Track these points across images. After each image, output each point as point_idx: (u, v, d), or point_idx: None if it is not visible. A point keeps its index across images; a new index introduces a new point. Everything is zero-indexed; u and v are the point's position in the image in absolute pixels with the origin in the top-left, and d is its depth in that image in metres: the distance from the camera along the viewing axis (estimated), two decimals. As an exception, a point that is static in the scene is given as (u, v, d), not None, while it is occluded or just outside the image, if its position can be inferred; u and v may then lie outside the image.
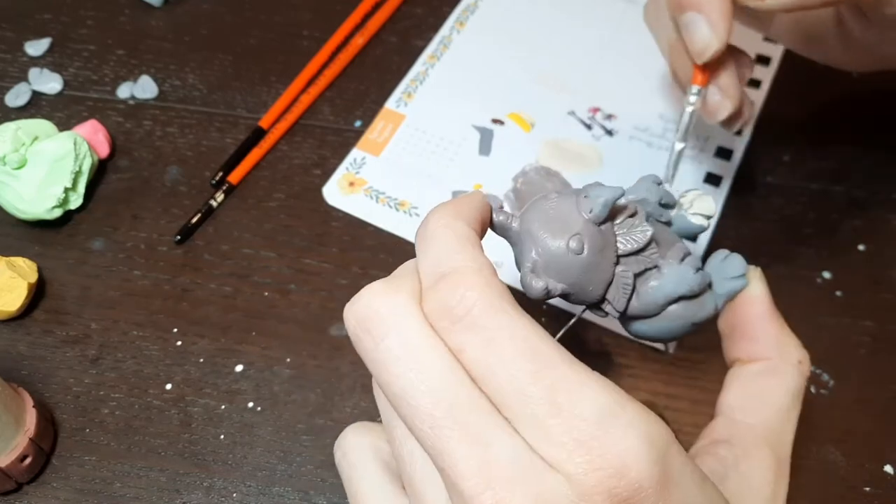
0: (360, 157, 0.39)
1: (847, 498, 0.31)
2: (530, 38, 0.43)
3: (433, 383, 0.18)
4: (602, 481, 0.17)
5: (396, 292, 0.19)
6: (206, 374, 0.34)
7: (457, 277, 0.19)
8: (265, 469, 0.32)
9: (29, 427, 0.30)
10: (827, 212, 0.37)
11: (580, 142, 0.40)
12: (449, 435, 0.17)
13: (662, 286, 0.24)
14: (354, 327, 0.19)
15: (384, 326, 0.18)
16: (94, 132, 0.39)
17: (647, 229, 0.24)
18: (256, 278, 0.36)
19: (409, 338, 0.18)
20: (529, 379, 0.18)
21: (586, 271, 0.23)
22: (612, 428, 0.17)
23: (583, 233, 0.23)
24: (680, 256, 0.25)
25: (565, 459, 0.17)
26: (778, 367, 0.25)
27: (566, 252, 0.23)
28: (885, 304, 0.35)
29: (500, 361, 0.18)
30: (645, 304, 0.25)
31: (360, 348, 0.19)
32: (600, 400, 0.18)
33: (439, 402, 0.18)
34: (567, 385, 0.18)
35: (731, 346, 0.26)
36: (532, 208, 0.24)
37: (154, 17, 0.45)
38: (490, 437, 0.17)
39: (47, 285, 0.36)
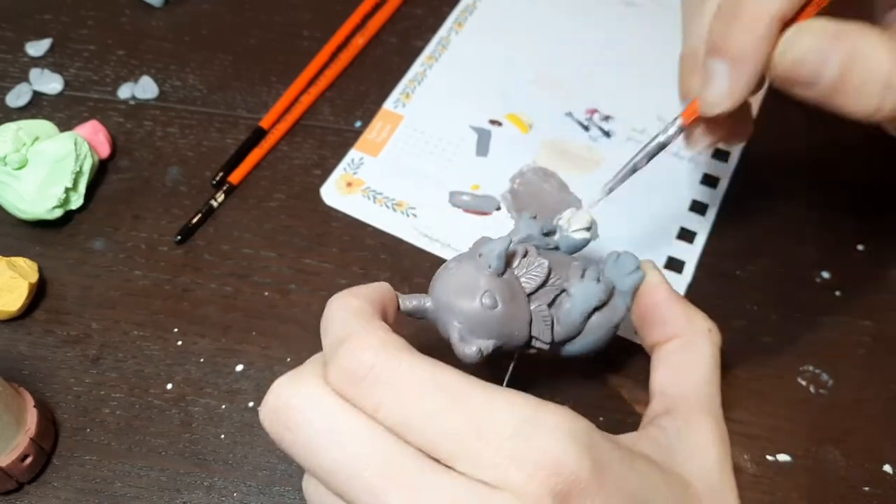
0: (357, 157, 0.40)
1: (846, 498, 0.31)
2: (528, 39, 0.43)
3: (360, 449, 0.18)
4: (543, 484, 0.18)
5: (301, 379, 0.20)
6: (207, 374, 0.34)
7: (351, 342, 0.20)
8: (265, 468, 0.32)
9: (30, 427, 0.31)
10: (826, 212, 0.38)
11: (578, 143, 0.40)
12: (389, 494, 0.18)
13: (575, 306, 0.27)
14: (271, 423, 0.20)
15: (298, 414, 0.19)
16: (95, 132, 0.39)
17: (543, 262, 0.26)
18: (257, 278, 0.36)
19: (325, 415, 0.19)
20: (446, 414, 0.18)
21: (506, 320, 0.25)
22: (535, 434, 0.18)
23: (491, 288, 0.25)
24: (580, 274, 0.27)
25: (504, 477, 0.18)
26: (691, 341, 0.27)
27: (482, 310, 0.25)
28: (885, 304, 0.35)
29: (414, 406, 0.19)
30: (566, 328, 0.27)
31: (282, 443, 0.20)
32: (516, 413, 0.18)
33: (370, 465, 0.18)
34: (482, 409, 0.18)
35: (647, 334, 0.28)
36: (437, 283, 0.26)
37: (154, 18, 0.45)
38: (429, 483, 0.18)
39: (48, 285, 0.36)
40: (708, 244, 0.36)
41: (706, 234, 0.37)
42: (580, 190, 0.38)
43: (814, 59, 0.23)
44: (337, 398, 0.19)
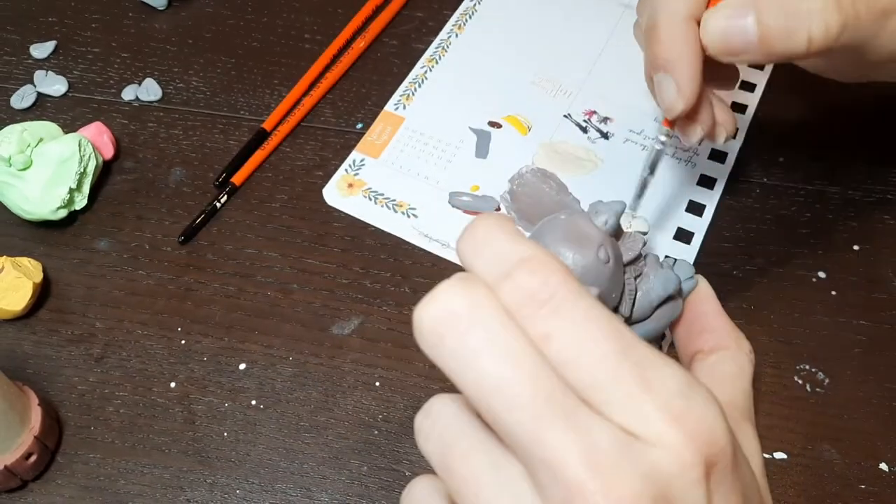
0: (358, 158, 0.40)
1: (843, 495, 0.31)
2: (527, 41, 0.44)
3: (529, 373, 0.17)
4: (699, 450, 0.17)
5: (473, 287, 0.18)
6: (210, 373, 0.34)
7: (534, 262, 0.18)
8: (268, 466, 0.32)
9: (34, 425, 0.31)
10: (822, 212, 0.38)
11: (576, 144, 0.40)
12: (550, 424, 0.17)
13: (655, 288, 0.27)
14: (432, 327, 0.18)
15: (467, 323, 0.18)
16: (99, 134, 0.40)
17: (640, 238, 0.27)
18: (259, 278, 0.37)
19: (496, 330, 0.18)
20: (620, 358, 0.18)
21: (612, 279, 0.25)
22: (696, 400, 0.18)
23: (605, 243, 0.25)
24: (658, 263, 0.28)
25: (664, 432, 0.17)
26: (735, 356, 0.27)
27: (597, 262, 0.24)
28: (880, 304, 0.35)
29: (590, 343, 0.18)
30: (641, 307, 0.27)
31: (442, 349, 0.18)
32: (681, 375, 0.18)
33: (537, 391, 0.17)
34: (652, 364, 0.18)
35: (690, 342, 0.29)
36: (548, 228, 0.26)
37: (158, 21, 0.45)
38: (589, 422, 0.17)
39: (52, 285, 0.36)
40: (705, 244, 0.37)
41: (703, 233, 0.37)
42: (579, 191, 0.39)
43: (733, 26, 0.26)
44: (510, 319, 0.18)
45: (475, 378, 0.18)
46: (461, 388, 0.18)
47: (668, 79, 0.28)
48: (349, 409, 0.33)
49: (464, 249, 0.20)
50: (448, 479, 0.19)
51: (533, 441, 0.17)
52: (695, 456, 0.17)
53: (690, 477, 0.17)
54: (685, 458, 0.17)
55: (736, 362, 0.28)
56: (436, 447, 0.19)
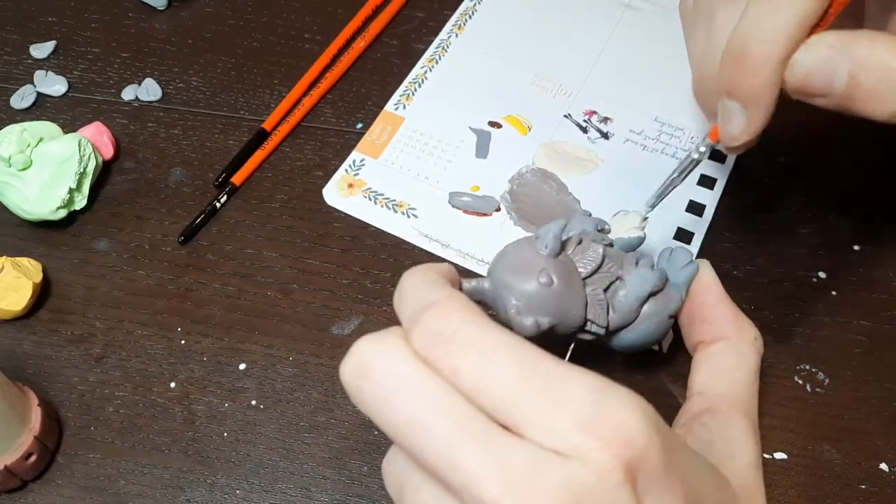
0: (358, 158, 0.40)
1: (843, 496, 0.31)
2: (527, 41, 0.44)
3: (438, 405, 0.18)
4: (616, 454, 0.18)
5: (384, 339, 0.20)
6: (210, 373, 0.34)
7: (438, 306, 0.20)
8: (268, 466, 0.32)
9: (34, 425, 0.31)
10: (822, 212, 0.38)
11: (576, 144, 0.40)
12: (462, 448, 0.18)
13: (630, 291, 0.27)
14: (352, 379, 0.20)
15: (380, 369, 0.19)
16: (99, 134, 0.40)
17: (598, 247, 0.27)
18: (259, 278, 0.37)
19: (406, 372, 0.19)
20: (526, 379, 0.19)
21: (562, 298, 0.26)
22: (609, 405, 0.18)
23: (546, 267, 0.26)
24: (634, 262, 0.28)
25: (576, 444, 0.18)
26: (738, 345, 0.27)
27: (539, 287, 0.25)
28: (880, 304, 0.35)
29: (496, 368, 0.19)
30: (622, 314, 0.28)
31: (362, 398, 0.20)
32: (591, 386, 0.19)
33: (448, 420, 0.18)
34: (558, 379, 0.19)
35: (692, 332, 0.29)
36: (495, 264, 0.27)
37: (158, 20, 0.45)
38: (502, 445, 0.18)
39: (52, 285, 0.36)
40: (705, 244, 0.37)
41: (703, 234, 0.37)
42: (579, 191, 0.39)
43: (822, 70, 0.24)
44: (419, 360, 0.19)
45: (391, 421, 0.19)
46: (385, 432, 0.19)
47: (740, 110, 0.26)
48: (349, 409, 0.33)
49: (395, 300, 0.22)
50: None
51: (450, 468, 0.18)
52: (613, 461, 0.17)
53: (610, 483, 0.17)
54: (603, 466, 0.17)
55: (736, 352, 0.27)
56: (394, 489, 0.21)
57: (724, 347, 0.28)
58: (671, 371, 0.34)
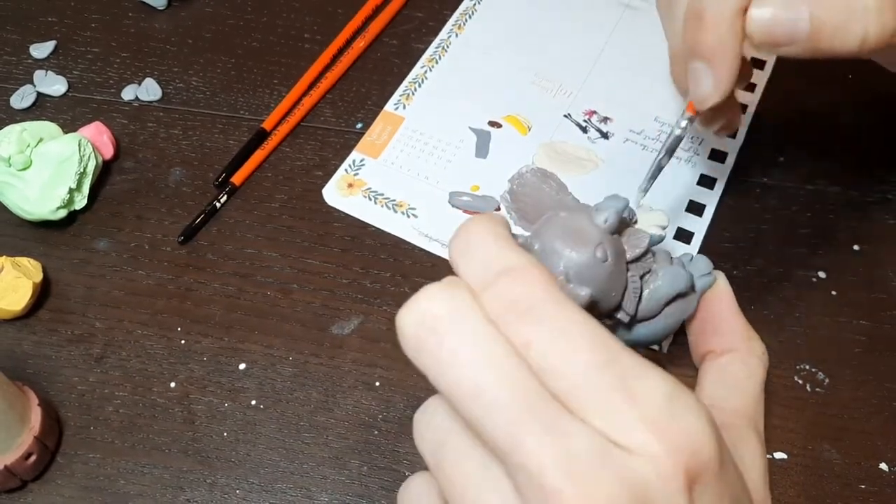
0: (358, 158, 0.40)
1: (843, 495, 0.31)
2: (527, 41, 0.44)
3: (507, 377, 0.17)
4: (681, 461, 0.17)
5: (455, 292, 0.19)
6: (210, 373, 0.34)
7: (518, 273, 0.19)
8: (268, 466, 0.32)
9: (34, 425, 0.31)
10: (822, 212, 0.38)
11: (576, 144, 0.40)
12: (528, 429, 0.17)
13: (662, 286, 0.27)
14: (414, 332, 0.19)
15: (448, 326, 0.18)
16: (99, 134, 0.40)
17: (646, 235, 0.26)
18: (259, 278, 0.37)
19: (476, 334, 0.18)
20: (602, 367, 0.18)
21: (611, 278, 0.25)
22: (681, 410, 0.18)
23: (604, 241, 0.25)
24: (669, 259, 0.27)
25: (645, 442, 0.17)
26: (746, 359, 0.27)
27: (594, 261, 0.24)
28: (880, 304, 0.35)
29: (571, 351, 0.18)
30: (649, 305, 0.27)
31: (423, 352, 0.18)
32: (666, 385, 0.18)
33: (515, 396, 0.17)
34: (635, 372, 0.18)
35: (702, 341, 0.28)
36: (547, 226, 0.25)
37: (157, 20, 0.45)
38: (568, 428, 0.17)
39: (52, 285, 0.36)
40: (705, 244, 0.37)
41: (703, 233, 0.37)
42: (579, 191, 0.39)
43: (783, 19, 0.25)
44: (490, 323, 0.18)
45: (454, 382, 0.18)
46: (442, 391, 0.18)
47: (706, 70, 0.27)
48: (349, 409, 0.33)
49: (454, 249, 0.20)
50: (439, 476, 0.19)
51: (510, 445, 0.17)
52: (676, 467, 0.17)
53: (671, 488, 0.17)
54: (666, 469, 0.17)
55: (746, 366, 0.27)
56: (430, 445, 0.19)
57: (733, 360, 0.27)
58: (672, 372, 0.34)
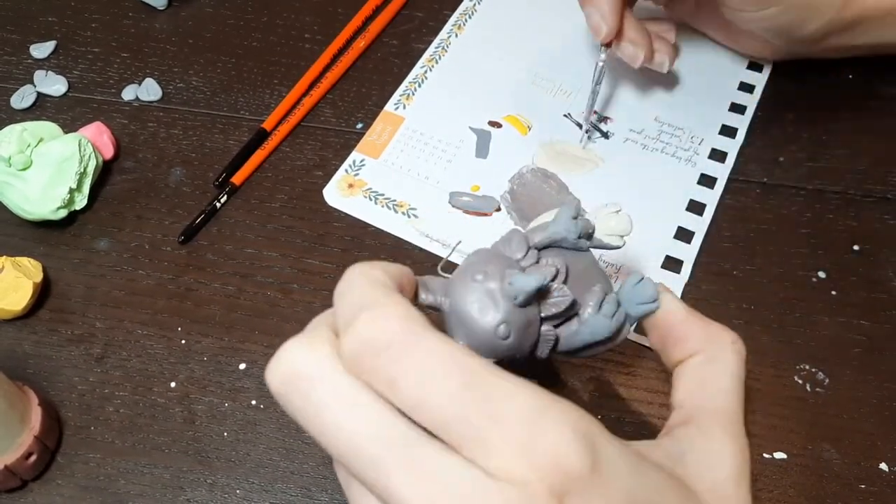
0: (358, 159, 0.40)
1: (842, 495, 0.31)
2: (527, 41, 0.44)
3: (369, 423, 0.18)
4: (543, 478, 0.17)
5: (314, 345, 0.19)
6: (210, 373, 0.34)
7: (374, 311, 0.19)
8: (268, 466, 0.32)
9: (34, 425, 0.31)
10: (822, 212, 0.38)
11: (576, 144, 0.40)
12: (393, 472, 0.17)
13: (581, 334, 0.26)
14: (279, 387, 0.19)
15: (309, 380, 0.19)
16: (99, 134, 0.40)
17: (568, 296, 0.25)
18: (259, 278, 0.37)
19: (337, 385, 0.18)
20: (466, 394, 0.18)
21: (510, 349, 0.24)
22: (543, 426, 0.18)
23: (509, 320, 0.24)
24: (598, 302, 0.26)
25: (508, 467, 0.17)
26: (714, 355, 0.26)
27: (493, 338, 0.24)
28: (880, 304, 0.35)
29: (434, 383, 0.18)
30: (566, 347, 0.27)
31: (290, 407, 0.19)
32: (529, 402, 0.18)
33: (378, 441, 0.18)
34: (498, 394, 0.18)
35: (669, 354, 0.28)
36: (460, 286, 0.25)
37: (158, 20, 0.45)
38: (433, 466, 0.18)
39: (52, 285, 0.37)
40: (705, 244, 0.37)
41: (703, 233, 0.37)
42: (579, 191, 0.39)
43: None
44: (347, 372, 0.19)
45: (322, 433, 0.18)
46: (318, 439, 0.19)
47: (593, 11, 0.36)
48: (349, 409, 0.33)
49: (335, 292, 0.20)
50: None
51: (380, 488, 0.18)
52: (540, 484, 0.17)
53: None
54: (528, 489, 0.17)
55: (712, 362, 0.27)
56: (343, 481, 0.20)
57: (700, 361, 0.27)
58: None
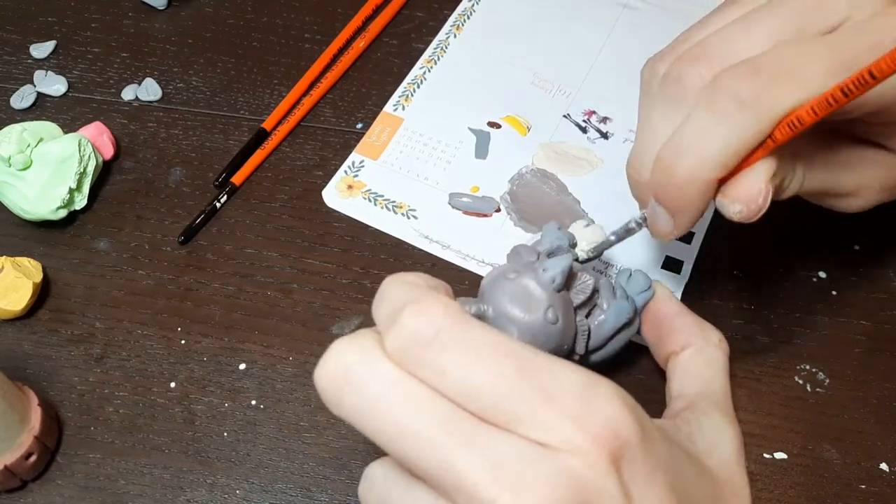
0: (358, 160, 0.40)
1: (843, 496, 0.31)
2: (526, 41, 0.44)
3: (425, 407, 0.19)
4: (603, 447, 0.18)
5: (360, 342, 0.20)
6: (210, 373, 0.34)
7: (416, 305, 0.19)
8: (268, 466, 0.32)
9: (34, 425, 0.31)
10: (823, 212, 0.38)
11: (576, 144, 0.40)
12: (453, 449, 0.18)
13: (608, 321, 0.28)
14: (331, 386, 0.20)
15: (359, 375, 0.19)
16: (99, 134, 0.40)
17: (590, 279, 0.27)
18: (259, 278, 0.37)
19: (388, 376, 0.19)
20: (515, 377, 0.19)
21: (563, 334, 0.26)
22: (596, 400, 0.19)
23: (554, 304, 0.26)
24: (611, 290, 0.29)
25: (567, 437, 0.18)
26: (703, 349, 0.29)
27: (545, 324, 0.25)
28: (880, 304, 0.35)
29: (482, 370, 0.19)
30: (596, 340, 0.29)
31: (343, 404, 0.19)
32: (578, 378, 0.19)
33: (435, 422, 0.18)
34: (548, 373, 0.19)
35: (662, 346, 0.30)
36: (496, 290, 0.26)
37: (158, 20, 0.45)
38: (493, 441, 0.18)
39: (52, 285, 0.36)
40: (705, 244, 0.37)
41: (703, 233, 0.37)
42: (579, 191, 0.39)
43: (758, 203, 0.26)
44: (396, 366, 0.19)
45: (378, 429, 0.19)
46: (371, 438, 0.19)
47: (666, 214, 0.26)
48: (349, 409, 0.33)
49: (372, 307, 0.21)
50: None
51: (442, 470, 0.18)
52: (600, 452, 0.18)
53: (599, 472, 0.18)
54: (591, 456, 0.18)
55: (704, 355, 0.29)
56: None
57: (692, 353, 0.29)
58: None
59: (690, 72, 0.25)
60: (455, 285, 0.36)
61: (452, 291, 0.23)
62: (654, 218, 0.27)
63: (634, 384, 0.33)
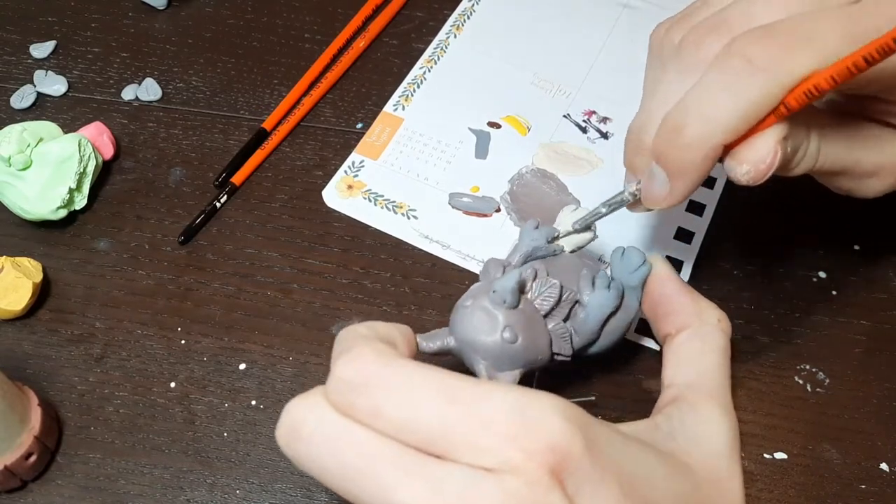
0: (358, 160, 0.40)
1: (843, 496, 0.31)
2: (526, 41, 0.44)
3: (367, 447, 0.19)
4: (542, 463, 0.19)
5: (307, 397, 0.21)
6: (210, 373, 0.34)
7: (348, 355, 0.21)
8: (268, 466, 0.32)
9: (34, 425, 0.31)
10: (822, 212, 0.38)
11: (576, 144, 0.40)
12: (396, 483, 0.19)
13: (591, 316, 0.27)
14: (285, 441, 0.21)
15: (308, 427, 0.20)
16: (99, 134, 0.40)
17: (554, 283, 0.27)
18: (259, 278, 0.37)
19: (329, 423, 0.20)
20: (444, 410, 0.19)
21: (528, 350, 0.26)
22: (531, 417, 0.19)
23: (509, 323, 0.26)
24: (590, 283, 0.28)
25: (505, 459, 0.19)
26: (700, 330, 0.27)
27: (504, 345, 0.25)
28: (881, 304, 0.35)
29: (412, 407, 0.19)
30: (584, 336, 0.28)
31: (298, 455, 0.20)
32: (512, 400, 0.19)
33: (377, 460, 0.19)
34: (479, 398, 0.19)
35: (659, 326, 0.29)
36: (456, 322, 0.26)
37: (158, 20, 0.45)
38: (434, 473, 0.19)
39: (52, 285, 0.36)
40: (705, 244, 0.37)
41: (703, 233, 0.37)
42: (579, 191, 0.39)
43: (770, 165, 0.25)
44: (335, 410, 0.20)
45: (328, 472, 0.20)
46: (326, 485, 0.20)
47: (665, 177, 0.25)
48: (349, 409, 0.33)
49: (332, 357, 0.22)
50: None
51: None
52: (539, 468, 0.18)
53: (540, 488, 0.18)
54: (531, 474, 0.18)
55: (700, 338, 0.27)
56: None
57: (688, 336, 0.28)
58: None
59: (709, 41, 0.24)
60: (455, 285, 0.36)
61: (412, 333, 0.24)
62: (651, 182, 0.26)
63: (634, 384, 0.33)
